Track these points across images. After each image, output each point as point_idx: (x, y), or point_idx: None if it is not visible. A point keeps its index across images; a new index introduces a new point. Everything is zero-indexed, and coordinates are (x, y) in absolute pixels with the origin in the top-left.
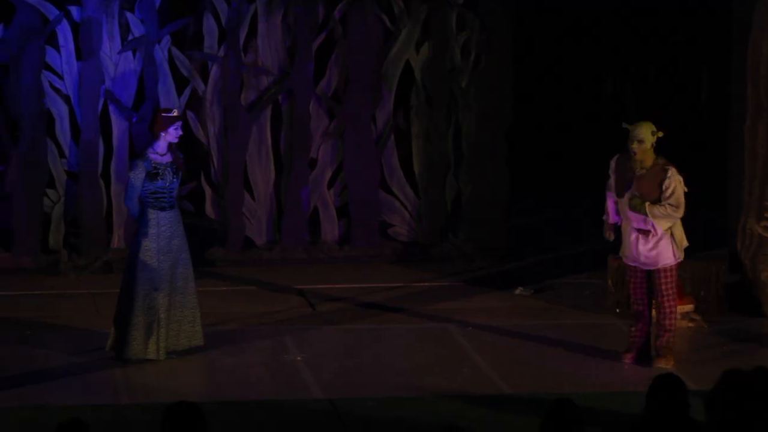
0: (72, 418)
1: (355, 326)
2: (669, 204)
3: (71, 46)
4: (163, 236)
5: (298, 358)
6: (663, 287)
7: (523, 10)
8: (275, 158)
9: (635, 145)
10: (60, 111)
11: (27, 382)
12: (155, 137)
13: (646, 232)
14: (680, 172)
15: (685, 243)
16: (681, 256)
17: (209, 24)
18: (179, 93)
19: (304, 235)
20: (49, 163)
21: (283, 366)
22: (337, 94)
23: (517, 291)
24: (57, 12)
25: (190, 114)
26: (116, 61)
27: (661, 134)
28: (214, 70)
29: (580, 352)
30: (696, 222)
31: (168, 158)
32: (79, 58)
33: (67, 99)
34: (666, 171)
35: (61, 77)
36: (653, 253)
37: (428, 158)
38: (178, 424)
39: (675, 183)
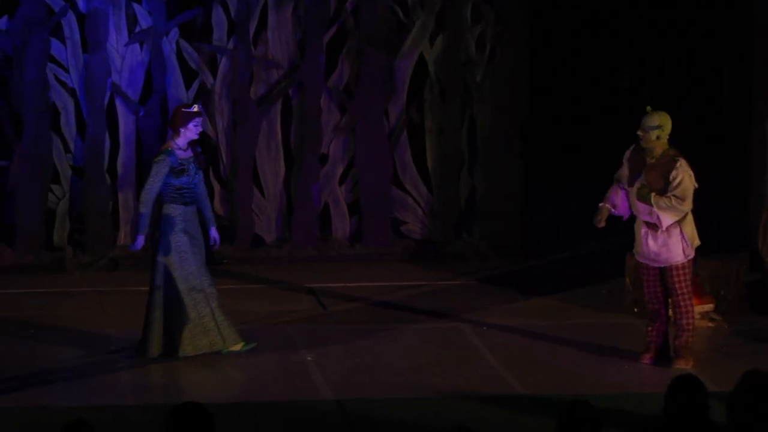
0: (76, 418)
1: (366, 326)
2: (674, 195)
3: (77, 38)
4: (188, 231)
5: (309, 358)
6: (676, 285)
7: (539, 1)
8: (285, 153)
9: (640, 133)
10: (65, 105)
11: (29, 383)
12: (175, 133)
13: (654, 227)
14: (693, 166)
15: (697, 242)
16: (692, 253)
17: (218, 16)
18: (187, 86)
19: (314, 232)
20: (54, 158)
21: (293, 366)
22: (349, 87)
23: None
24: (62, 3)
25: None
26: (123, 53)
27: (660, 132)
28: (223, 63)
29: (596, 352)
30: (715, 218)
31: (189, 153)
32: (85, 50)
33: (72, 92)
34: (675, 161)
35: (66, 70)
36: (663, 249)
37: (442, 153)
38: (185, 425)
39: (683, 174)
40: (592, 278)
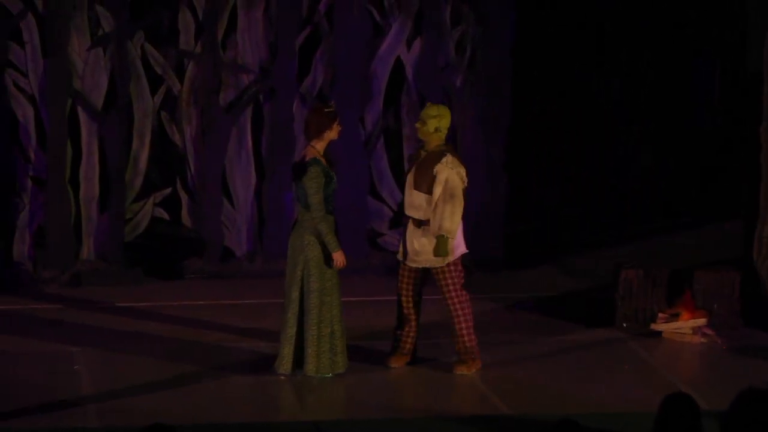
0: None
1: None
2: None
3: (36, 42)
4: None
5: (282, 376)
6: (443, 288)
7: (524, 2)
8: (256, 162)
9: (418, 125)
10: (25, 112)
11: None
12: (317, 138)
13: (419, 223)
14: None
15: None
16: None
17: (185, 18)
18: (153, 92)
19: (287, 244)
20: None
21: (266, 386)
22: (323, 93)
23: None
24: (21, 5)
25: (164, 115)
26: (85, 58)
27: (438, 123)
28: (190, 68)
29: (584, 369)
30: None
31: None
32: (45, 55)
33: (32, 99)
34: (442, 156)
35: (25, 76)
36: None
37: None
38: None
39: (447, 172)
40: (577, 292)
